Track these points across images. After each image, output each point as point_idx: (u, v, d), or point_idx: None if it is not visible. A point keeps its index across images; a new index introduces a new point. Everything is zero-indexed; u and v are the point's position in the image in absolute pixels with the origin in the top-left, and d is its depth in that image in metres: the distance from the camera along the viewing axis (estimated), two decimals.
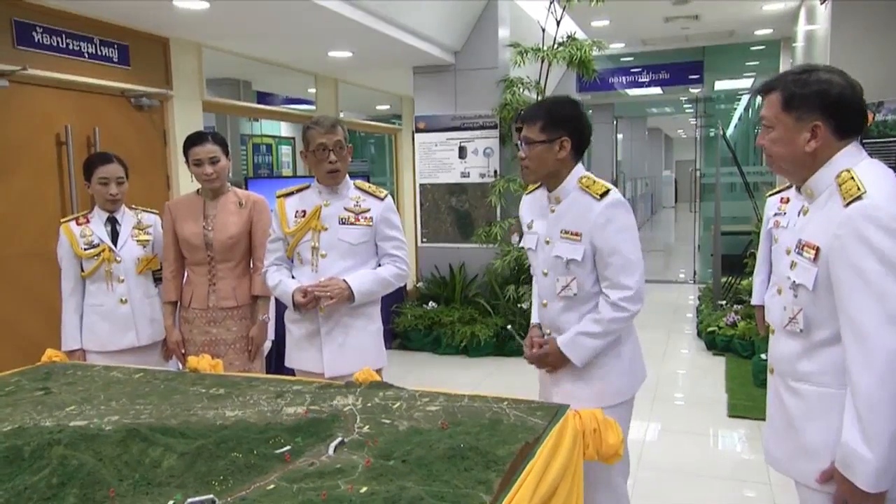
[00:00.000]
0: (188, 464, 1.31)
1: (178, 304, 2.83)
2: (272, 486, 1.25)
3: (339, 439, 1.44)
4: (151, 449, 1.35)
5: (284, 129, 7.76)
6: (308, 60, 5.75)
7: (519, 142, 2.01)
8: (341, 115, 6.76)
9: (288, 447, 1.41)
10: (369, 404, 1.68)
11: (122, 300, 2.74)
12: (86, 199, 3.96)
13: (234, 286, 2.74)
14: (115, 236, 2.77)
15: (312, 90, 6.43)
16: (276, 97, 6.98)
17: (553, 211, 2.00)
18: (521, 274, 5.60)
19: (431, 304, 5.79)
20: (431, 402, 1.69)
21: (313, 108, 6.45)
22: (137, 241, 2.80)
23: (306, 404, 1.69)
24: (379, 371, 2.36)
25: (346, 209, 2.36)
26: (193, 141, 2.70)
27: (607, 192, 1.92)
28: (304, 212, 2.37)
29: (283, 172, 7.38)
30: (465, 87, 5.95)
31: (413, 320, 5.54)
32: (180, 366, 2.73)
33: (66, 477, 1.23)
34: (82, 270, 2.73)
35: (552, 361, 2.00)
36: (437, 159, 6.08)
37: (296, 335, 2.42)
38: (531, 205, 2.12)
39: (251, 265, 2.78)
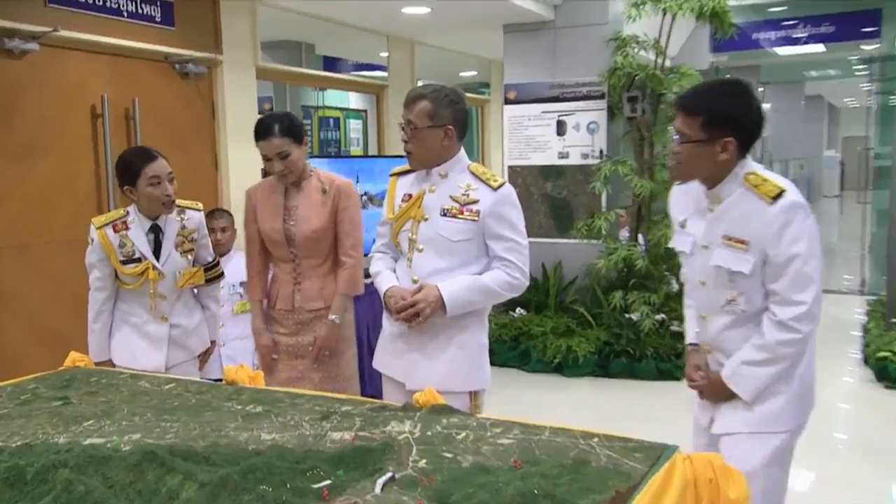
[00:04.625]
0: (208, 496, 1.31)
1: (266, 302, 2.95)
2: None
3: (389, 475, 1.43)
4: (169, 476, 1.37)
5: (353, 100, 7.88)
6: (379, 19, 5.80)
7: (671, 132, 2.00)
8: (418, 83, 6.78)
9: (328, 481, 1.40)
10: (429, 433, 1.66)
11: (162, 317, 2.82)
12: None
13: (322, 286, 2.84)
14: (157, 247, 2.80)
15: (384, 54, 6.49)
16: (344, 62, 7.10)
17: (712, 210, 1.98)
18: (630, 277, 5.45)
19: (519, 310, 5.73)
20: (504, 434, 1.65)
21: (385, 74, 6.51)
22: (181, 251, 2.84)
23: (355, 429, 1.69)
24: (475, 395, 2.42)
25: (451, 197, 2.37)
26: (257, 133, 2.78)
27: (781, 193, 1.89)
28: (410, 196, 2.43)
29: (350, 151, 7.50)
30: (565, 48, 5.85)
31: (497, 329, 5.50)
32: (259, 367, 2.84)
33: None
34: (116, 278, 2.79)
35: (715, 395, 2.03)
36: (530, 136, 6.00)
37: (386, 332, 2.51)
38: (684, 198, 2.10)
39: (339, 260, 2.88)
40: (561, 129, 5.89)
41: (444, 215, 2.36)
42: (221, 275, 3.06)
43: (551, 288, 5.75)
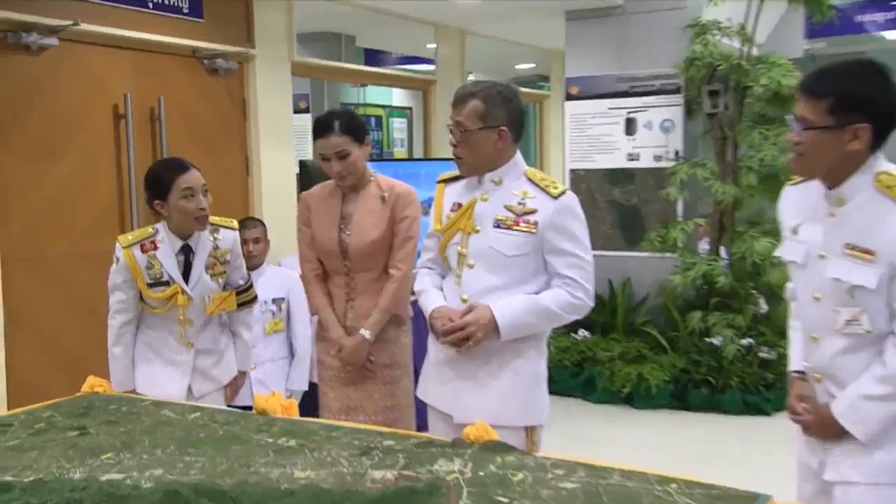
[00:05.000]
0: None
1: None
2: None
3: None
4: None
5: (397, 96, 7.94)
6: (426, 7, 5.85)
7: (793, 120, 1.92)
8: (470, 77, 6.80)
9: None
10: (481, 473, 1.65)
11: (188, 343, 2.87)
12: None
13: (376, 302, 2.88)
14: (186, 269, 2.83)
15: (432, 45, 6.54)
16: (388, 55, 7.17)
17: (833, 215, 1.92)
18: (710, 296, 5.37)
19: (583, 332, 5.68)
20: (567, 477, 1.63)
21: (433, 68, 6.55)
22: (212, 273, 2.88)
23: (398, 467, 1.70)
24: (532, 430, 2.39)
25: (506, 207, 2.37)
26: (315, 130, 2.85)
27: None
28: (460, 205, 2.44)
29: (394, 153, 7.56)
30: (636, 36, 5.81)
31: (557, 354, 5.47)
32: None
33: None
34: (141, 300, 2.84)
35: (823, 432, 1.96)
36: (595, 136, 5.97)
37: (432, 358, 2.51)
38: (799, 201, 2.05)
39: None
40: (630, 127, 5.84)
41: (498, 227, 2.35)
42: (254, 299, 3.10)
43: (619, 307, 5.69)
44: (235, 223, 3.00)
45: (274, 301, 3.86)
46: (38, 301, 3.82)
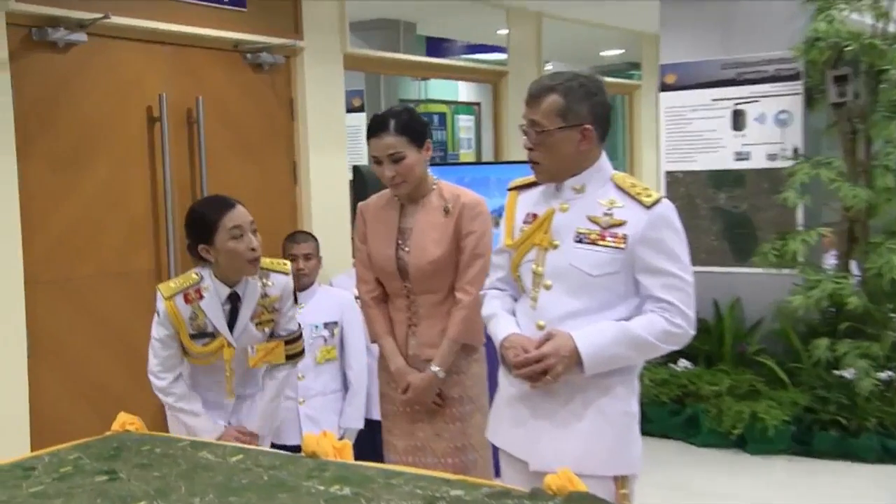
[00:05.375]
0: None
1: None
2: None
3: None
4: None
5: (463, 90, 7.97)
6: None
7: None
8: (547, 67, 6.78)
9: None
10: None
11: (229, 392, 2.99)
12: (184, 199, 4.34)
13: (442, 329, 2.92)
14: (232, 318, 2.92)
15: (503, 32, 6.57)
16: (453, 44, 7.20)
17: None
18: (839, 320, 5.25)
19: (684, 363, 5.62)
20: None
21: (504, 57, 6.57)
22: (258, 322, 2.96)
23: None
24: (622, 480, 2.36)
25: (589, 218, 2.36)
26: (369, 130, 2.90)
27: None
28: (536, 216, 2.44)
29: (460, 155, 7.58)
30: (746, 13, 5.74)
31: (653, 388, 5.42)
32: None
33: None
34: (185, 352, 2.95)
35: None
36: (696, 132, 5.91)
37: (504, 394, 2.51)
38: None
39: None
40: (739, 121, 5.77)
41: (581, 241, 2.34)
42: (302, 352, 3.16)
43: (727, 333, 5.62)
44: (288, 265, 3.07)
45: (326, 326, 3.90)
46: (64, 327, 3.93)
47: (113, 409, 2.61)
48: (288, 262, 3.09)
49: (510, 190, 2.57)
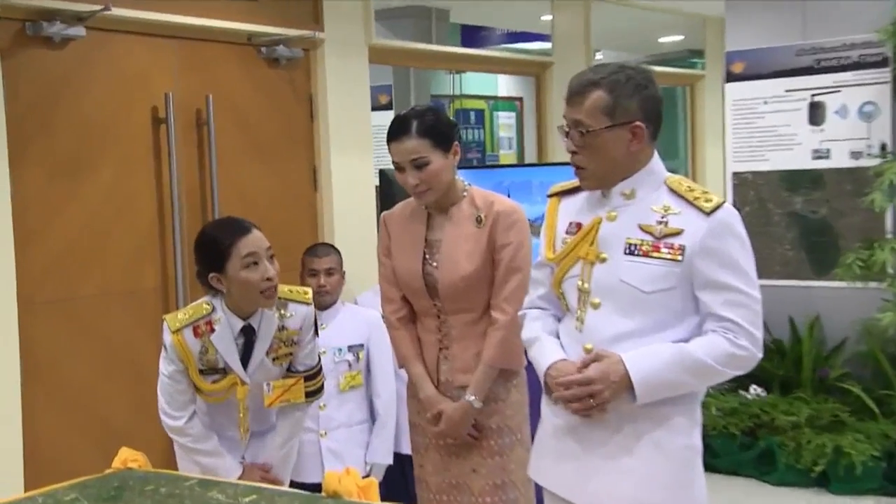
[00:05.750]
0: None
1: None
2: None
3: None
4: None
5: (503, 84, 8.01)
6: None
7: None
8: (597, 56, 6.81)
9: None
10: None
11: (242, 430, 3.05)
12: (193, 208, 4.43)
13: (477, 352, 2.95)
14: (246, 352, 2.97)
15: (547, 17, 6.58)
16: (491, 33, 7.24)
17: None
18: None
19: (756, 389, 5.58)
20: None
21: (549, 46, 6.59)
22: (274, 357, 3.00)
23: None
24: None
25: (641, 227, 2.36)
26: (389, 133, 2.94)
27: None
28: (580, 225, 2.45)
29: (500, 156, 7.62)
30: None
31: (721, 418, 5.37)
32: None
33: None
34: (195, 388, 3.01)
35: None
36: (767, 127, 5.88)
37: (547, 426, 2.52)
38: None
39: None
40: (817, 114, 5.74)
41: (632, 254, 2.34)
42: (322, 388, 3.20)
43: (805, 356, 5.58)
44: (309, 294, 3.09)
45: (350, 349, 3.90)
46: (61, 352, 3.95)
47: (115, 443, 2.65)
48: (309, 291, 3.12)
49: (550, 196, 2.58)
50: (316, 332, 3.16)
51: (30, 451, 3.76)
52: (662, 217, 2.34)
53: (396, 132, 2.89)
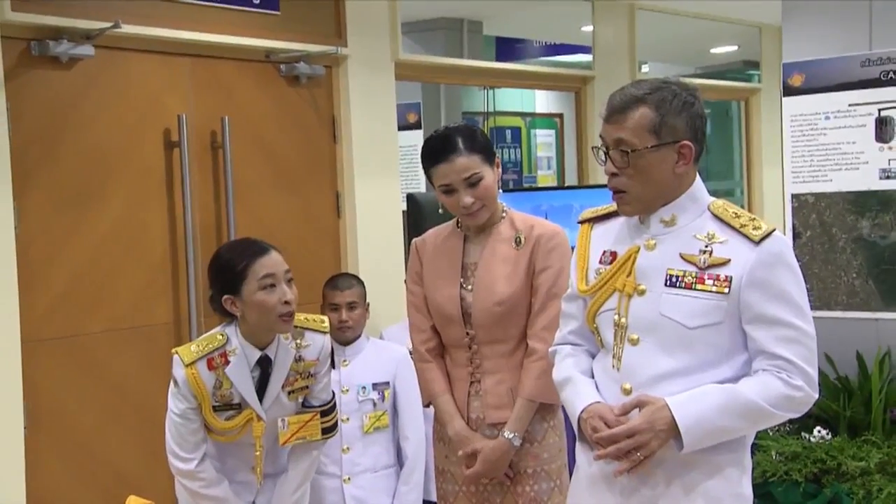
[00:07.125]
0: None
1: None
2: None
3: None
4: None
5: (541, 100, 8.04)
6: None
7: None
8: (643, 69, 6.81)
9: None
10: None
11: (258, 471, 3.03)
12: (208, 239, 4.43)
13: (512, 386, 2.94)
14: (261, 385, 2.98)
15: (587, 28, 6.60)
16: (527, 45, 7.27)
17: None
18: None
19: (820, 431, 5.49)
20: None
21: (590, 59, 6.61)
22: (290, 391, 3.01)
23: None
24: None
25: (683, 257, 2.34)
26: (431, 155, 2.92)
27: None
28: (615, 254, 2.43)
29: (538, 178, 7.63)
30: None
31: (780, 464, 5.30)
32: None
33: None
34: (208, 428, 2.99)
35: None
36: (831, 145, 5.83)
37: (583, 476, 2.49)
38: None
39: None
40: (884, 130, 5.68)
41: (674, 286, 2.32)
42: (336, 426, 3.21)
43: (875, 394, 5.48)
44: (326, 323, 3.11)
45: (375, 387, 3.88)
46: (68, 393, 3.99)
47: (123, 491, 2.69)
48: (326, 320, 3.13)
49: (581, 223, 2.56)
50: (332, 365, 3.17)
51: (33, 497, 3.80)
52: (706, 246, 2.32)
53: (443, 152, 2.87)
